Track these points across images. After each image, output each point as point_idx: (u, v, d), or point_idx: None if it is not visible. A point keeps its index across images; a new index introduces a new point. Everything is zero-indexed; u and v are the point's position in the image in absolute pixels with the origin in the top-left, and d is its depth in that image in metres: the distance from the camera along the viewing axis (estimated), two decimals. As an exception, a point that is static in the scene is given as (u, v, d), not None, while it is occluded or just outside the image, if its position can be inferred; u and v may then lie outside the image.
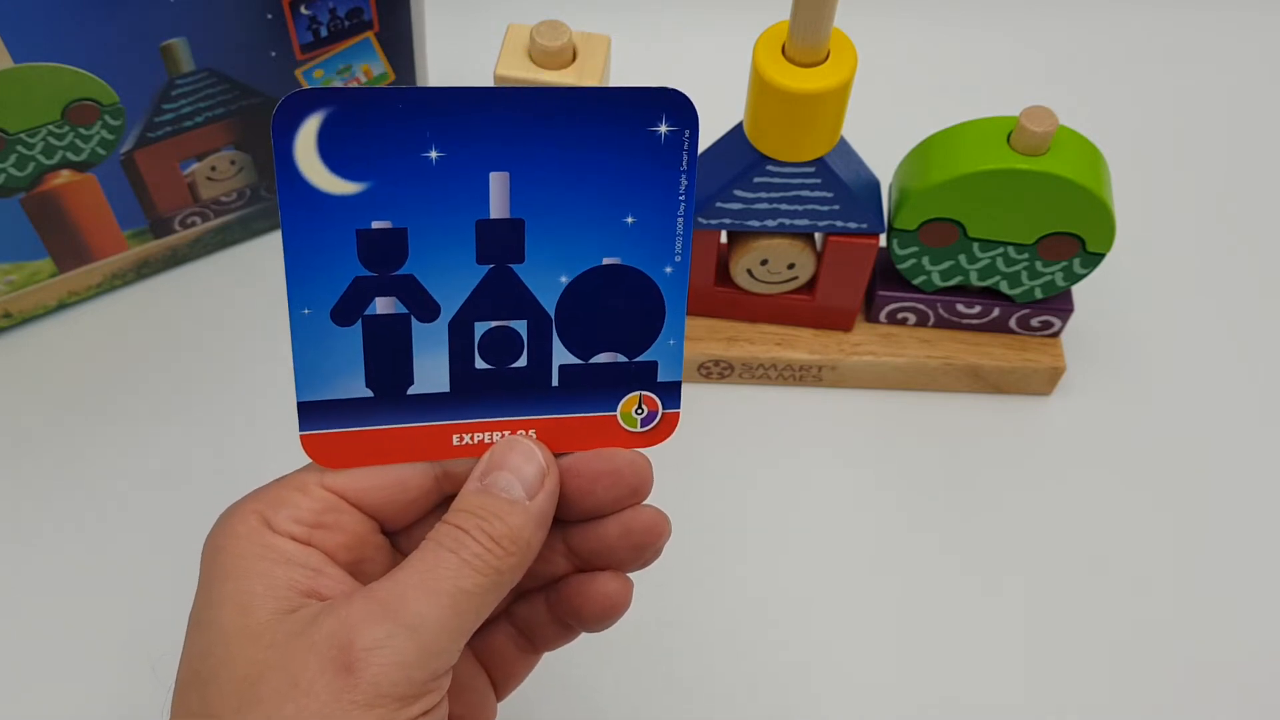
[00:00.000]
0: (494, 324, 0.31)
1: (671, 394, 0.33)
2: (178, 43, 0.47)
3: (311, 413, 0.31)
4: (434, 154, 0.29)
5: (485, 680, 0.35)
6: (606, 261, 0.31)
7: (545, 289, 0.31)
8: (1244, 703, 0.44)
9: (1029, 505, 0.49)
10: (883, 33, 0.60)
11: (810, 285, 0.50)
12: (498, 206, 0.30)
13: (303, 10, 0.49)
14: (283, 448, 0.37)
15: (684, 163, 0.30)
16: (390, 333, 0.30)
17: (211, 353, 0.53)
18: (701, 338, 0.51)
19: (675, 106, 0.29)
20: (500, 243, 0.30)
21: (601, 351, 0.32)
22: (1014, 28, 0.66)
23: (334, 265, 0.30)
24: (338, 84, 0.53)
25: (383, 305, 0.30)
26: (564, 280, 0.31)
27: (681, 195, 0.30)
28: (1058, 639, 0.46)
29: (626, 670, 0.44)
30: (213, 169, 0.53)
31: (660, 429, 0.33)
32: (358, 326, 0.30)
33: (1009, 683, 0.45)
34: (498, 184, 0.29)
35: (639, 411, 0.32)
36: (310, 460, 0.31)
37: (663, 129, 0.29)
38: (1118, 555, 0.48)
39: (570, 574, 0.33)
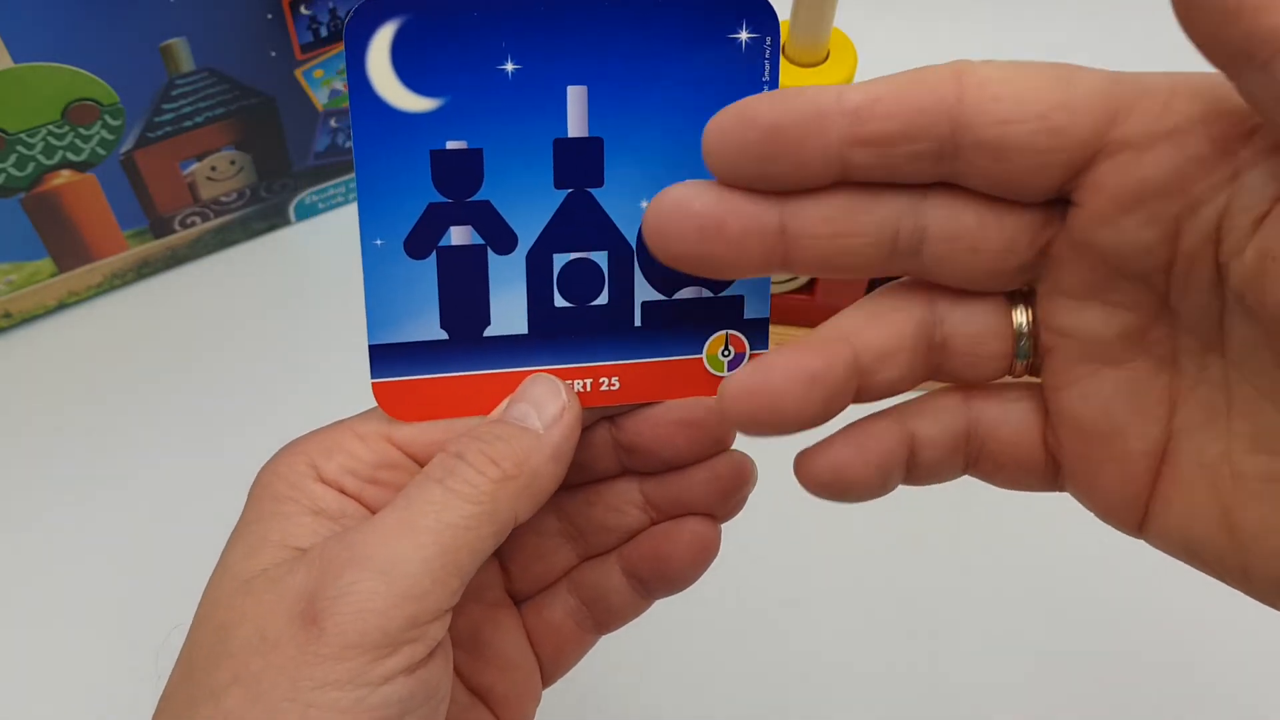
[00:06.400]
0: (574, 256, 0.29)
1: (759, 333, 0.30)
2: (178, 43, 0.47)
3: (383, 358, 0.29)
4: (510, 66, 0.27)
5: (533, 660, 0.32)
6: None
7: (626, 216, 0.29)
8: (1246, 701, 0.44)
9: (1029, 505, 0.49)
10: (883, 33, 0.60)
11: (810, 285, 0.50)
12: (576, 124, 0.28)
13: (303, 10, 0.49)
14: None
15: (766, 72, 0.28)
16: (466, 266, 0.28)
17: (212, 353, 0.53)
18: (701, 338, 0.51)
19: (755, 11, 0.27)
20: (579, 164, 0.28)
21: (685, 286, 0.29)
22: (1014, 28, 0.66)
23: (407, 191, 0.28)
24: (338, 84, 0.53)
25: (458, 235, 0.28)
26: (644, 205, 0.28)
27: None
28: (1058, 638, 0.46)
29: (626, 670, 0.44)
30: (213, 169, 0.53)
31: None
32: (432, 260, 0.28)
33: (1010, 682, 0.45)
34: (576, 99, 0.28)
35: (725, 353, 0.30)
36: (375, 407, 0.29)
37: (743, 36, 0.27)
38: (1117, 555, 0.48)
39: (647, 527, 0.31)
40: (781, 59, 0.41)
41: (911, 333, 0.26)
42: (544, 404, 0.28)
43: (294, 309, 0.54)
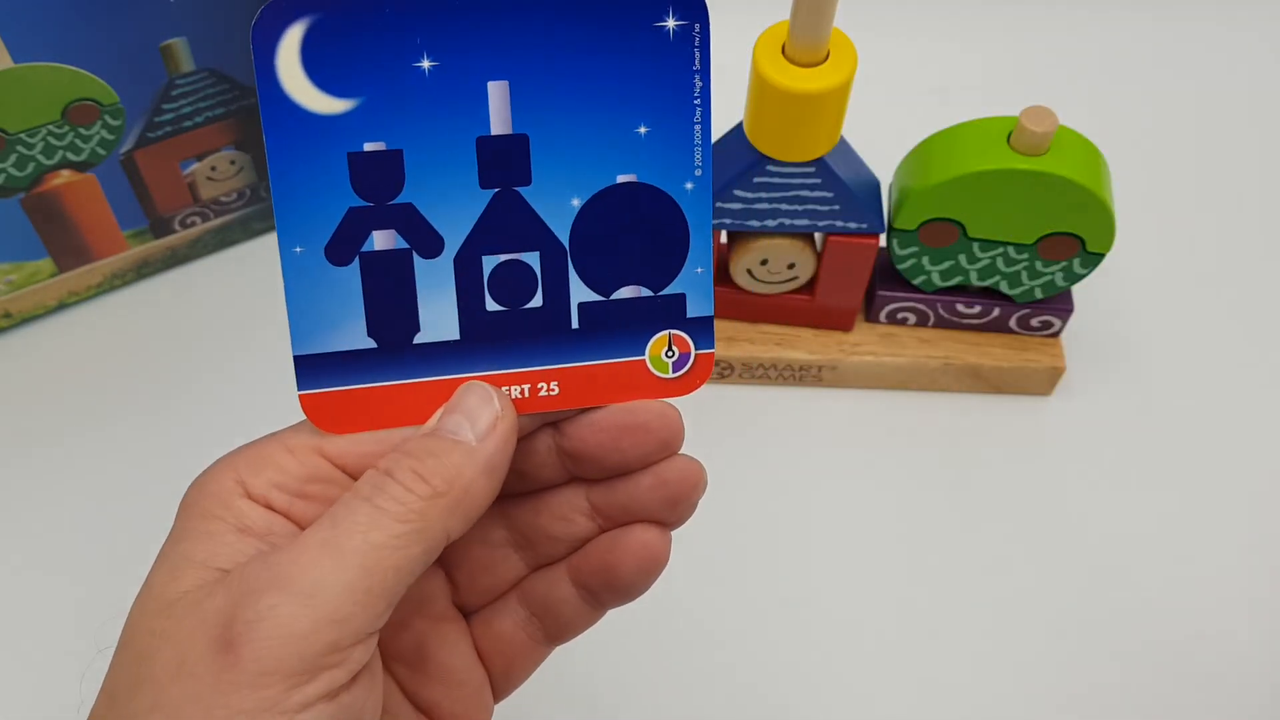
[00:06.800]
0: (504, 257, 0.28)
1: (703, 332, 0.29)
2: (178, 43, 0.47)
3: (310, 368, 0.28)
4: (426, 63, 0.27)
5: (482, 674, 0.31)
6: (621, 179, 0.28)
7: (557, 214, 0.28)
8: (1248, 700, 0.44)
9: (1029, 506, 0.49)
10: (883, 33, 0.60)
11: (810, 285, 0.50)
12: (498, 120, 0.27)
13: (303, 10, 0.49)
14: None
15: (696, 61, 0.27)
16: (391, 272, 0.28)
17: (211, 353, 0.53)
18: (701, 338, 0.51)
19: None
20: (504, 162, 0.28)
21: (623, 285, 0.29)
22: (1014, 28, 0.66)
23: (325, 195, 0.27)
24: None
25: (381, 240, 0.28)
26: (576, 203, 0.28)
27: (697, 99, 0.28)
28: (1058, 639, 0.46)
29: (623, 670, 0.44)
30: (213, 169, 0.53)
31: (694, 373, 0.30)
32: (355, 266, 0.28)
33: (1008, 682, 0.45)
34: (497, 94, 0.27)
35: (669, 354, 0.29)
36: (306, 419, 0.28)
37: (670, 24, 0.27)
38: (1118, 555, 0.48)
39: (596, 535, 0.30)
40: (781, 59, 0.41)
41: None
42: (477, 415, 0.28)
43: (294, 309, 0.54)
